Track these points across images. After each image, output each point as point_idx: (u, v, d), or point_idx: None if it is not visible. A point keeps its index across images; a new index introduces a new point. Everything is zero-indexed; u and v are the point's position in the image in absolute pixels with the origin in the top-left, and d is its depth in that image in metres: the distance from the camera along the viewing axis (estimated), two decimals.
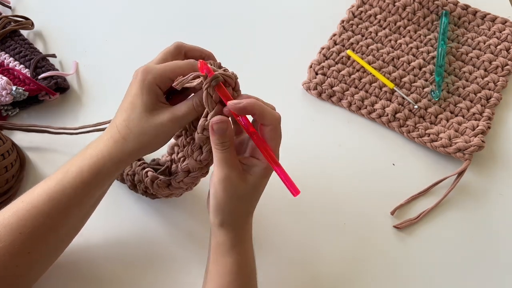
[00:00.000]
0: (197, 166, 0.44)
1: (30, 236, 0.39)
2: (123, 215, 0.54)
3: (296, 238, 0.55)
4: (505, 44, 0.69)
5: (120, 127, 0.40)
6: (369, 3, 0.73)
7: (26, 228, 0.39)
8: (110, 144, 0.40)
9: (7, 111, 0.60)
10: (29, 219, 0.39)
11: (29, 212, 0.39)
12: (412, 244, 0.55)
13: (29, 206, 0.39)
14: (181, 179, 0.46)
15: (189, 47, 0.43)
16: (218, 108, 0.39)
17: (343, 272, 0.53)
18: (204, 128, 0.41)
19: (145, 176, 0.50)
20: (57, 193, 0.39)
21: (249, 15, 0.74)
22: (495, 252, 0.55)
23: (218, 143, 0.38)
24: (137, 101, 0.39)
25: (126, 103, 0.40)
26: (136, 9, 0.74)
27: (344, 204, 0.57)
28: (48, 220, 0.39)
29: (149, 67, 0.40)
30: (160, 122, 0.39)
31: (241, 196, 0.40)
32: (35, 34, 0.69)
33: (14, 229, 0.39)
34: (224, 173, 0.39)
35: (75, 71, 0.65)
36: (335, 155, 0.61)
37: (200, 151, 0.43)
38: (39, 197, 0.39)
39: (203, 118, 0.40)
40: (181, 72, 0.40)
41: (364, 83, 0.65)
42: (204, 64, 0.39)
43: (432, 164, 0.61)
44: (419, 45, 0.69)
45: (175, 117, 0.40)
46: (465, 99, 0.65)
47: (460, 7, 0.72)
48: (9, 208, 0.40)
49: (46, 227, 0.40)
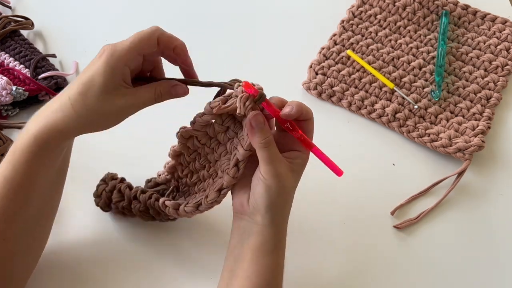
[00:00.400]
0: (233, 183, 0.43)
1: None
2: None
3: (296, 238, 0.55)
4: (505, 44, 0.69)
5: (73, 101, 0.38)
6: (369, 3, 0.73)
7: None
8: (59, 116, 0.38)
9: (7, 111, 0.60)
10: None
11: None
12: (412, 244, 0.55)
13: None
14: (214, 199, 0.44)
15: (163, 34, 0.41)
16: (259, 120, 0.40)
17: (343, 272, 0.53)
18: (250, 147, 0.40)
19: (164, 206, 0.47)
20: (10, 173, 0.39)
21: (249, 15, 0.74)
22: (495, 252, 0.55)
23: (262, 140, 0.38)
24: (98, 79, 0.37)
25: (85, 77, 0.38)
26: (136, 9, 0.74)
27: (344, 204, 0.57)
28: (8, 203, 0.39)
29: (116, 46, 0.38)
30: (120, 105, 0.38)
31: (290, 189, 0.41)
32: (35, 34, 0.70)
33: None
34: (277, 168, 0.39)
35: (75, 71, 0.65)
36: (335, 155, 0.61)
37: (237, 168, 0.42)
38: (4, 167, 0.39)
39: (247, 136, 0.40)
40: (148, 45, 0.39)
41: (364, 83, 0.65)
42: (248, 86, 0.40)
43: (432, 164, 0.61)
44: (419, 45, 0.69)
45: (135, 104, 0.39)
46: (465, 99, 0.65)
47: (460, 7, 0.72)
48: None
49: (10, 210, 0.39)
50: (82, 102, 0.38)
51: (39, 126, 0.38)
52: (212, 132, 0.44)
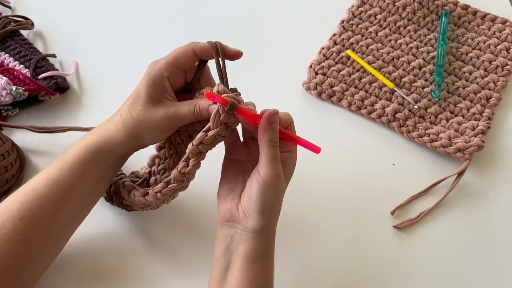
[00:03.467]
0: (180, 178, 0.43)
1: (29, 221, 0.39)
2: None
3: (295, 238, 0.55)
4: (505, 44, 0.69)
5: (122, 112, 0.41)
6: (369, 3, 0.73)
7: (26, 213, 0.39)
8: (109, 126, 0.41)
9: (7, 111, 0.60)
10: (29, 203, 0.39)
11: (29, 196, 0.40)
12: (412, 244, 0.55)
13: (29, 189, 0.40)
14: (159, 190, 0.45)
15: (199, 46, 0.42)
16: (222, 128, 0.40)
17: (343, 272, 0.53)
18: (201, 142, 0.40)
19: (121, 186, 0.48)
20: (55, 173, 0.40)
21: (249, 15, 0.74)
22: (495, 252, 0.55)
23: (272, 138, 0.39)
24: (142, 91, 0.40)
25: (133, 92, 0.41)
26: (136, 9, 0.74)
27: (344, 204, 0.57)
28: (46, 203, 0.40)
29: (157, 62, 0.41)
30: (161, 115, 0.40)
31: (284, 191, 0.41)
32: (35, 34, 0.70)
33: (15, 215, 0.39)
34: (278, 169, 0.39)
35: (75, 71, 0.65)
36: (335, 155, 0.61)
37: (186, 163, 0.42)
38: (40, 180, 0.40)
39: (203, 133, 0.40)
40: (184, 57, 0.41)
41: (364, 83, 0.65)
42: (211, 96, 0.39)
43: (432, 164, 0.61)
44: (419, 45, 0.69)
45: (175, 115, 0.41)
46: (465, 99, 0.65)
47: (460, 7, 0.72)
48: (11, 195, 0.41)
49: (45, 211, 0.40)
50: (129, 113, 0.41)
51: (92, 137, 0.42)
52: (191, 130, 0.45)
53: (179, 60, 0.41)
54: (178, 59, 0.41)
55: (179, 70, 0.41)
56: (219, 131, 0.40)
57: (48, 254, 0.44)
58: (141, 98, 0.40)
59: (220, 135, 0.41)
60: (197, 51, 0.41)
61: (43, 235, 0.41)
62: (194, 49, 0.41)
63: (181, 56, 0.41)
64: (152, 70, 0.41)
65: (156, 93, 0.41)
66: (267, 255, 0.42)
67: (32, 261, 0.41)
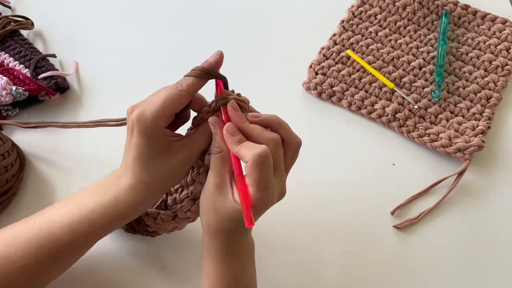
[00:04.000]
0: None
1: (46, 261, 0.39)
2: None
3: (296, 238, 0.55)
4: (505, 44, 0.69)
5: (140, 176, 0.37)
6: (369, 3, 0.73)
7: (43, 255, 0.38)
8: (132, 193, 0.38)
9: (7, 111, 0.60)
10: (48, 247, 0.38)
11: (49, 241, 0.38)
12: (412, 244, 0.55)
13: (48, 235, 0.38)
14: (188, 208, 0.43)
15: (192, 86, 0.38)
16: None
17: (343, 272, 0.53)
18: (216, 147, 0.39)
19: (144, 215, 0.46)
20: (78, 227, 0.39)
21: (249, 15, 0.74)
22: (495, 252, 0.55)
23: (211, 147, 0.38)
24: (146, 150, 0.37)
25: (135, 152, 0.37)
26: (136, 9, 0.74)
27: (344, 204, 0.57)
28: (67, 249, 0.39)
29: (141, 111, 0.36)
30: (181, 160, 0.38)
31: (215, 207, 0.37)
32: (35, 34, 0.69)
33: (32, 254, 0.38)
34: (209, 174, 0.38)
35: (75, 71, 0.65)
36: (335, 155, 0.61)
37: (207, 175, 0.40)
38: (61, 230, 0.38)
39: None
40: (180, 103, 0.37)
41: (364, 83, 0.65)
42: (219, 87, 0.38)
43: (432, 164, 0.61)
44: (419, 45, 0.69)
45: (194, 152, 0.38)
46: (465, 99, 0.65)
47: (460, 7, 0.72)
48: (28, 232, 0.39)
49: (63, 254, 0.40)
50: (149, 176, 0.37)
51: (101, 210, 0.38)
52: None
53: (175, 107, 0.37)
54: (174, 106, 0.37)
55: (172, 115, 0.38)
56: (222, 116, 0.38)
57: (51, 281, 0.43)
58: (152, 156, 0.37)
59: None
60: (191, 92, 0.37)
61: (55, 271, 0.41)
62: (188, 92, 0.37)
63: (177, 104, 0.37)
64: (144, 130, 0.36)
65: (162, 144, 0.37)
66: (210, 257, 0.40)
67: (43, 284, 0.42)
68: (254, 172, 0.34)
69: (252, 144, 0.36)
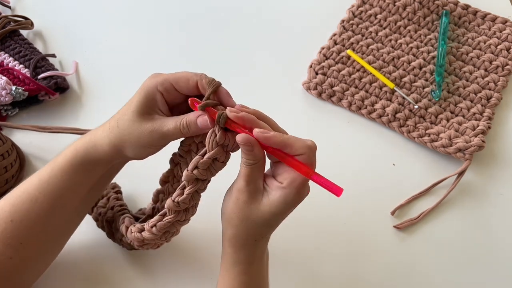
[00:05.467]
0: (174, 209, 0.39)
1: (20, 224, 0.39)
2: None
3: (296, 238, 0.55)
4: (505, 44, 0.68)
5: (113, 119, 0.40)
6: (369, 3, 0.73)
7: (17, 214, 0.39)
8: (97, 132, 0.40)
9: (7, 111, 0.60)
10: (19, 205, 0.39)
11: (21, 198, 0.40)
12: (412, 244, 0.55)
13: (21, 192, 0.40)
14: (154, 223, 0.40)
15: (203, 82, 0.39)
16: (219, 150, 0.37)
17: (343, 272, 0.53)
18: (196, 167, 0.37)
19: (121, 222, 0.45)
20: (46, 176, 0.40)
21: (249, 15, 0.74)
22: (495, 252, 0.55)
23: (245, 160, 0.37)
24: (133, 101, 0.39)
25: (129, 100, 0.40)
26: (136, 9, 0.74)
27: (344, 204, 0.57)
28: (37, 206, 0.39)
29: (157, 75, 0.39)
30: (145, 129, 0.38)
31: (248, 216, 0.37)
32: (34, 34, 0.69)
33: (6, 217, 0.39)
34: (239, 184, 0.37)
35: (75, 71, 0.65)
36: (335, 155, 0.61)
37: (182, 192, 0.38)
38: (31, 182, 0.40)
39: (199, 156, 0.37)
40: (185, 84, 0.38)
41: (364, 83, 0.65)
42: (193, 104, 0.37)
43: (432, 164, 0.61)
44: (420, 45, 0.69)
45: (157, 131, 0.38)
46: (466, 99, 0.65)
47: (460, 7, 0.72)
48: (5, 197, 0.40)
49: (35, 214, 0.40)
50: (117, 120, 0.39)
51: (82, 141, 0.40)
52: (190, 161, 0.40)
53: (179, 83, 0.38)
54: (178, 81, 0.38)
55: (176, 91, 0.39)
56: (216, 153, 0.36)
57: (40, 261, 0.43)
58: (131, 108, 0.38)
59: (218, 159, 0.37)
60: (200, 86, 0.38)
61: (34, 240, 0.41)
62: (199, 82, 0.38)
63: (183, 81, 0.38)
64: (149, 82, 0.38)
65: (147, 105, 0.38)
66: (236, 268, 0.40)
67: (24, 265, 0.41)
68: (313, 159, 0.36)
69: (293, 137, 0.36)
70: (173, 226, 0.41)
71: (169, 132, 0.38)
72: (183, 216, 0.40)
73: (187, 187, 0.38)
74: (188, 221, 0.42)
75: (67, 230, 0.45)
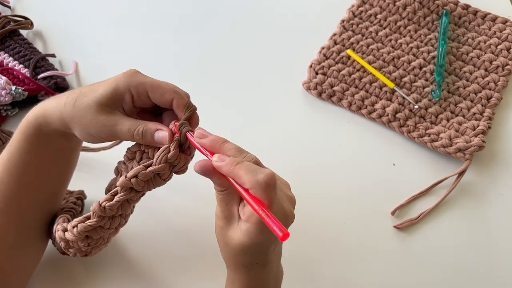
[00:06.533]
0: (99, 213, 0.37)
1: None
2: None
3: (296, 238, 0.54)
4: (505, 44, 0.68)
5: (72, 93, 0.38)
6: (369, 3, 0.73)
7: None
8: (51, 103, 0.39)
9: (7, 111, 0.60)
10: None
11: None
12: (412, 244, 0.55)
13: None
14: (76, 224, 0.38)
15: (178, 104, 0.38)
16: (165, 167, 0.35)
17: (343, 272, 0.53)
18: (136, 176, 0.36)
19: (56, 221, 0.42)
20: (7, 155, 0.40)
21: (249, 15, 0.74)
22: (495, 252, 0.55)
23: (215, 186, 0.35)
24: (99, 89, 0.37)
25: (97, 83, 0.39)
26: (135, 9, 0.74)
27: (344, 204, 0.57)
28: (4, 187, 0.39)
29: (137, 72, 0.38)
30: (98, 121, 0.37)
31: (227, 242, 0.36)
32: (34, 34, 0.69)
33: None
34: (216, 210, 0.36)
35: (74, 71, 0.65)
36: (335, 155, 0.61)
37: (112, 197, 0.37)
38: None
39: (142, 167, 0.36)
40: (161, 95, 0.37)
41: (364, 83, 0.65)
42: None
43: (433, 164, 0.61)
44: (420, 45, 0.69)
45: (109, 126, 0.37)
46: (466, 99, 0.65)
47: (460, 6, 0.72)
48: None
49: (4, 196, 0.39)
50: (74, 100, 0.37)
51: (33, 113, 0.40)
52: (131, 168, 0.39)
53: (154, 93, 0.37)
54: (154, 91, 0.37)
55: (147, 98, 0.38)
56: (161, 168, 0.35)
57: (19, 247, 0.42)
58: (94, 94, 0.37)
59: (160, 176, 0.36)
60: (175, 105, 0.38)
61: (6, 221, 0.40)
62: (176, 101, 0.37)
63: (159, 92, 0.37)
64: (124, 79, 0.37)
65: (111, 100, 0.37)
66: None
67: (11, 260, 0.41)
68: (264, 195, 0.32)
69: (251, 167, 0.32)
70: (95, 232, 0.38)
71: (120, 132, 0.37)
72: (107, 224, 0.38)
73: (119, 194, 0.37)
74: (115, 231, 0.40)
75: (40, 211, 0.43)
